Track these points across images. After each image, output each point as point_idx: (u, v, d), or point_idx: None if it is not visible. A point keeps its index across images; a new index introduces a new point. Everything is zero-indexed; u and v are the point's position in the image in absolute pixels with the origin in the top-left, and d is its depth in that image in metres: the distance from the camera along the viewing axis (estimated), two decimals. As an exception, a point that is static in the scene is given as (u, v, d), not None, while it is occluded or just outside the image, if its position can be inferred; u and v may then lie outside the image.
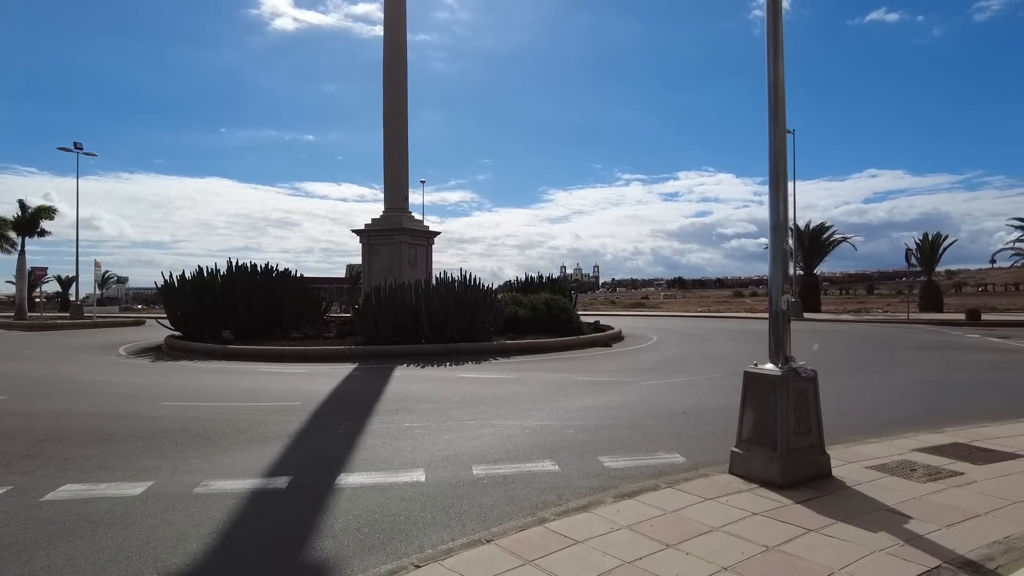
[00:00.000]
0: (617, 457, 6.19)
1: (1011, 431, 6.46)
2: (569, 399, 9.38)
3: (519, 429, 7.43)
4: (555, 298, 19.94)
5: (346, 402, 9.56)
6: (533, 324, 19.07)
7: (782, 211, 5.08)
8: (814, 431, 4.94)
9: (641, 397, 9.55)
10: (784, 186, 5.09)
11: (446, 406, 8.91)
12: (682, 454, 6.29)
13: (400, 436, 7.19)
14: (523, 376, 11.93)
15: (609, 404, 8.95)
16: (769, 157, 5.12)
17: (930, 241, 40.92)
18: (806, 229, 42.58)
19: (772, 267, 5.09)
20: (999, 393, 9.85)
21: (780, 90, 5.08)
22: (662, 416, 8.10)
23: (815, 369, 5.03)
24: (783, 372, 4.87)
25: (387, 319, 15.70)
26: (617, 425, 7.61)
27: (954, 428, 6.75)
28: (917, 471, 5.03)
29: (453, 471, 5.83)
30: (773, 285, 5.08)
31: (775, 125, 5.09)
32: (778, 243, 5.05)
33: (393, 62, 22.53)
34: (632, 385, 10.75)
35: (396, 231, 21.52)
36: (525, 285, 24.83)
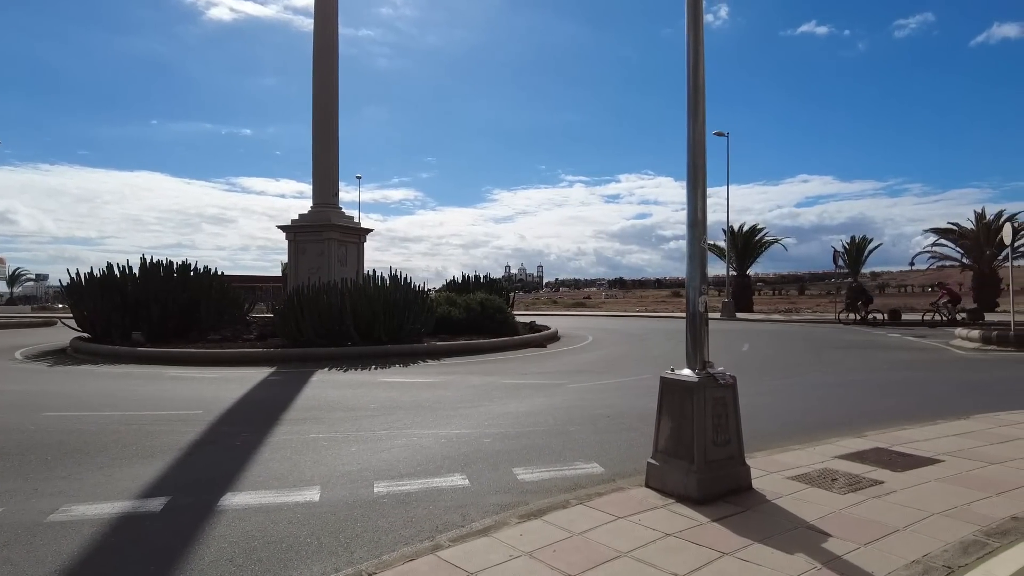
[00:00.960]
0: (533, 468, 5.80)
1: (927, 434, 6.38)
2: (493, 404, 8.96)
3: (434, 439, 6.96)
4: (490, 298, 19.52)
5: (252, 410, 8.88)
6: (467, 325, 18.61)
7: (700, 207, 4.78)
8: (733, 441, 4.65)
9: (567, 400, 9.22)
10: (702, 181, 4.79)
11: (360, 414, 8.36)
12: (601, 463, 5.95)
13: (302, 449, 6.61)
14: (449, 380, 11.45)
15: (533, 409, 8.58)
16: (688, 150, 4.81)
17: (856, 244, 42.48)
18: (739, 231, 43.52)
19: (689, 267, 4.79)
20: (916, 392, 9.97)
21: (700, 79, 4.78)
22: (586, 421, 7.78)
23: (734, 375, 4.75)
24: (700, 379, 4.57)
25: (309, 320, 14.94)
26: (538, 432, 7.24)
27: (875, 431, 6.65)
28: (838, 481, 4.82)
29: (352, 489, 5.32)
30: (691, 286, 4.78)
31: (694, 118, 4.79)
32: (696, 241, 4.75)
33: (323, 51, 21.67)
34: (560, 388, 10.42)
35: (325, 227, 20.67)
36: (461, 285, 24.35)
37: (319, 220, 20.94)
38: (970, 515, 4.06)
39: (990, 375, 11.92)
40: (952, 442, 6.00)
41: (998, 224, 38.09)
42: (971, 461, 5.31)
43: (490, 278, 25.48)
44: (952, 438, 6.16)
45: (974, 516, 4.04)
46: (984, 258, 38.62)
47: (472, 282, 25.12)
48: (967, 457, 5.44)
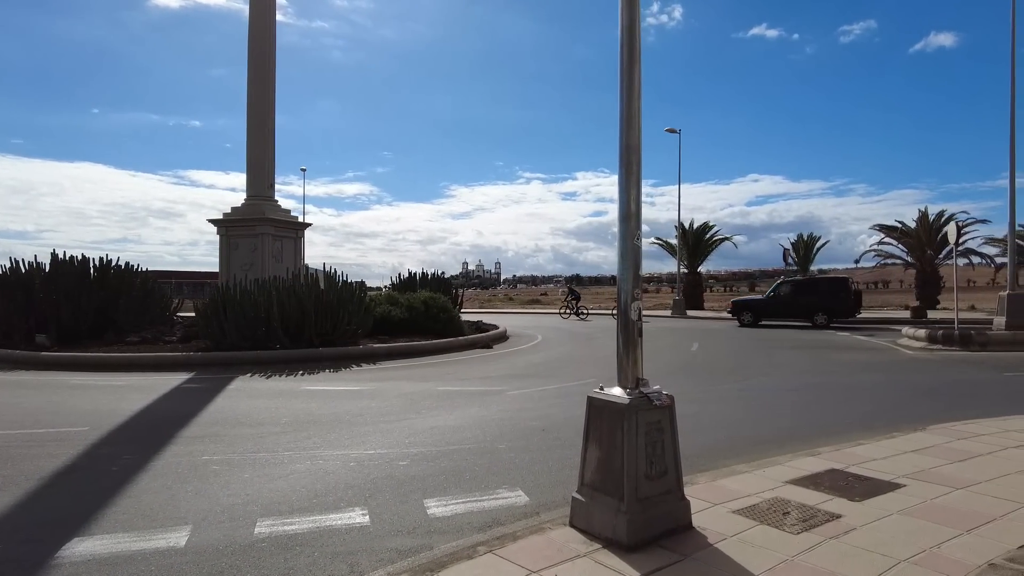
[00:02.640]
0: (448, 499, 5.03)
1: (885, 450, 5.84)
2: (420, 417, 8.15)
3: (342, 462, 6.12)
4: (435, 296, 18.65)
5: (148, 426, 7.87)
6: (409, 325, 17.70)
7: (634, 197, 4.07)
8: (671, 472, 3.96)
9: (503, 411, 8.47)
10: (636, 167, 4.08)
11: (268, 431, 7.45)
12: (527, 490, 5.22)
13: (188, 475, 5.71)
14: (379, 387, 10.58)
15: (463, 422, 7.81)
16: (620, 129, 4.10)
17: (805, 242, 42.94)
18: (690, 228, 43.53)
19: (621, 266, 4.08)
20: (869, 398, 9.54)
21: (635, 39, 4.07)
22: (518, 436, 7.04)
23: (671, 395, 4.06)
24: (632, 400, 3.86)
25: (233, 321, 13.84)
26: (463, 450, 6.47)
27: (830, 447, 6.08)
28: (790, 515, 4.18)
29: (229, 529, 4.46)
30: (622, 288, 4.07)
31: (628, 89, 4.08)
32: (628, 237, 4.04)
33: (258, 34, 20.41)
34: (497, 396, 9.67)
35: (258, 221, 19.47)
36: (407, 282, 23.38)
37: (252, 213, 19.73)
38: (941, 562, 3.45)
39: (939, 377, 11.65)
40: (911, 461, 5.46)
41: (939, 224, 38.93)
42: (934, 486, 4.75)
43: (439, 275, 24.55)
44: (911, 455, 5.63)
45: (946, 564, 3.43)
46: (926, 257, 39.40)
47: (420, 279, 24.18)
48: (929, 480, 4.89)
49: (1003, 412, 7.83)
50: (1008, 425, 6.85)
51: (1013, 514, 4.18)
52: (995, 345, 16.17)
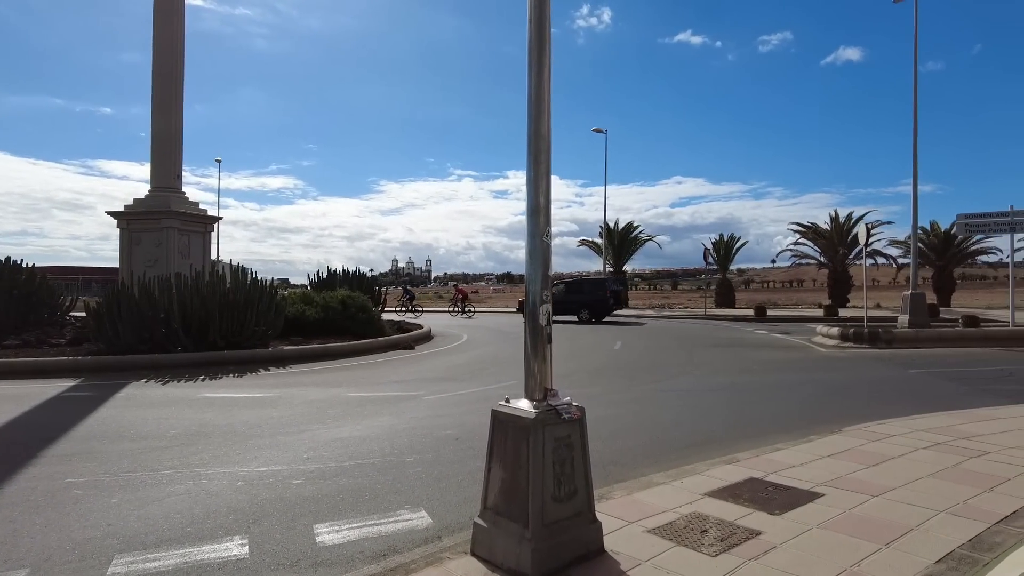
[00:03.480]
0: (342, 523, 4.53)
1: (802, 455, 5.72)
2: (323, 427, 7.56)
3: (229, 481, 5.50)
4: (353, 295, 17.87)
5: (10, 443, 6.96)
6: (325, 325, 16.89)
7: (543, 190, 3.70)
8: (581, 492, 3.61)
9: (416, 418, 7.99)
10: (546, 159, 3.71)
11: (150, 445, 6.71)
12: (432, 510, 4.77)
13: (42, 504, 4.96)
14: (285, 394, 9.88)
15: (371, 432, 7.28)
16: (529, 119, 3.71)
17: (724, 242, 44.18)
18: (615, 228, 44.07)
19: (529, 265, 3.69)
20: (785, 398, 9.58)
21: (545, 19, 3.68)
22: (429, 447, 6.58)
23: (581, 406, 3.71)
24: (539, 414, 3.48)
25: (129, 321, 12.74)
26: (366, 465, 5.96)
27: (748, 453, 5.91)
28: (709, 533, 3.90)
29: (75, 570, 3.82)
30: (531, 290, 3.68)
31: (537, 65, 3.69)
32: (537, 233, 3.66)
33: (165, 11, 19.04)
34: (413, 401, 9.17)
35: (163, 214, 18.17)
36: (324, 280, 22.45)
37: (157, 206, 18.40)
38: (863, 583, 3.23)
39: (851, 375, 11.92)
40: (829, 466, 5.33)
41: (849, 225, 40.86)
42: (851, 494, 4.60)
43: (359, 272, 23.73)
44: (828, 460, 5.51)
45: (867, 584, 3.21)
46: (838, 257, 41.28)
47: (339, 277, 23.29)
48: (847, 488, 4.75)
49: (910, 410, 7.94)
50: (916, 425, 6.90)
51: (927, 523, 4.05)
52: (900, 343, 16.85)
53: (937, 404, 8.47)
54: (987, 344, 16.71)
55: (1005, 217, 19.26)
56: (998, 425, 6.86)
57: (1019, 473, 5.10)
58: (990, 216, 19.56)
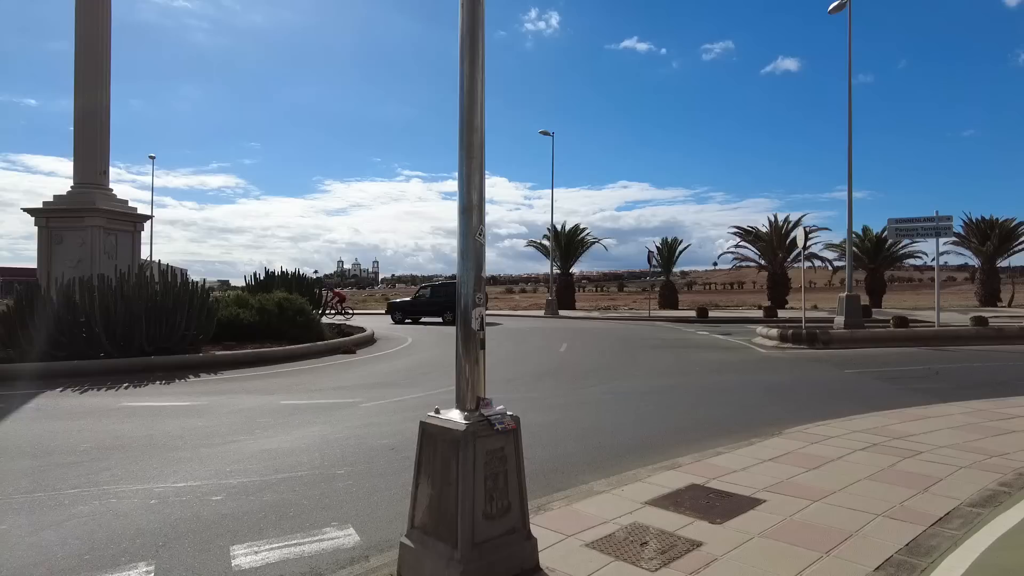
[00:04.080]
0: (262, 543, 4.20)
1: (744, 459, 5.66)
2: (251, 438, 7.15)
3: (141, 499, 5.08)
4: (290, 297, 17.27)
5: None
6: (262, 329, 16.25)
7: (476, 186, 3.47)
8: (515, 508, 3.40)
9: (351, 427, 7.65)
10: (479, 154, 3.49)
11: (56, 462, 6.18)
12: (361, 527, 4.49)
13: (-81, 532, 4.45)
14: (213, 402, 9.37)
15: (302, 443, 6.90)
16: (461, 110, 3.48)
17: (668, 245, 44.92)
18: (562, 231, 44.25)
19: (461, 266, 3.47)
20: (727, 400, 9.62)
21: (478, 9, 3.46)
22: (363, 457, 6.28)
23: (516, 416, 3.50)
24: (470, 425, 3.25)
25: (44, 326, 11.92)
26: (294, 479, 5.61)
27: (690, 458, 5.82)
28: (648, 546, 3.75)
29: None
30: (463, 292, 3.46)
31: (470, 55, 3.47)
32: (469, 232, 3.43)
33: None
34: (349, 409, 8.81)
35: (87, 212, 17.15)
36: (263, 282, 21.68)
37: (80, 203, 17.35)
38: (804, 596, 3.12)
39: (790, 375, 12.12)
40: (770, 471, 5.28)
41: (788, 229, 42.07)
42: (792, 499, 4.54)
43: (298, 274, 23.01)
44: (769, 464, 5.47)
45: (809, 597, 3.10)
46: (777, 260, 42.46)
47: (278, 279, 22.53)
48: (788, 493, 4.68)
49: (847, 411, 8.05)
50: (853, 425, 6.97)
51: (866, 528, 4.00)
52: (837, 343, 17.32)
53: (872, 404, 8.63)
54: (916, 344, 17.33)
55: (931, 222, 20.05)
56: (929, 424, 6.98)
57: (950, 473, 5.15)
58: (917, 221, 20.34)
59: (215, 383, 11.29)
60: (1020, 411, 7.71)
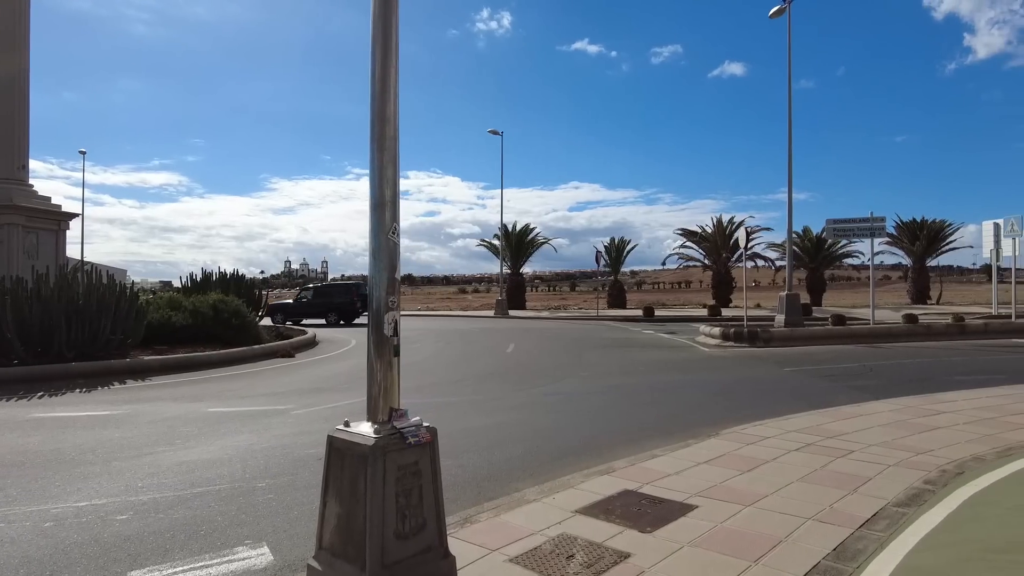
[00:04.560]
0: (165, 567, 3.88)
1: (680, 462, 5.59)
2: (171, 449, 6.74)
3: (34, 522, 4.67)
4: (226, 299, 16.62)
5: None
6: (196, 332, 15.59)
7: (389, 180, 3.25)
8: (431, 525, 3.19)
9: (279, 436, 7.30)
10: (393, 145, 3.27)
11: (-55, 480, 5.67)
12: (275, 545, 4.21)
13: None
14: (135, 411, 8.86)
15: (225, 453, 6.54)
16: (372, 97, 3.26)
17: (616, 245, 45.32)
18: (513, 230, 44.20)
19: (373, 266, 3.24)
20: (668, 400, 9.61)
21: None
22: (288, 468, 5.97)
23: (433, 428, 3.30)
24: (380, 439, 3.03)
25: (-51, 333, 11.11)
26: (211, 494, 5.27)
27: (626, 461, 5.72)
28: (575, 559, 3.60)
29: None
30: (374, 295, 3.23)
31: (383, 47, 3.25)
32: (382, 230, 3.21)
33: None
34: (279, 416, 8.44)
35: (3, 209, 16.20)
36: (199, 283, 20.86)
37: (-4, 200, 16.38)
38: (730, 610, 3.01)
39: (731, 374, 12.24)
40: (704, 474, 5.21)
41: (732, 230, 42.97)
42: (724, 504, 4.46)
43: (238, 275, 22.23)
44: (703, 467, 5.40)
45: (735, 611, 2.99)
46: (721, 259, 43.33)
47: (216, 280, 21.72)
48: (720, 497, 4.61)
49: (785, 410, 8.11)
50: (788, 425, 7.00)
51: (796, 533, 3.94)
52: (777, 341, 17.67)
53: (809, 402, 8.73)
54: (852, 341, 17.82)
55: (866, 223, 20.69)
56: (861, 422, 7.07)
57: (879, 472, 5.18)
58: (854, 222, 20.96)
59: (140, 390, 10.72)
60: (945, 407, 7.90)
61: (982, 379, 10.66)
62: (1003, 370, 12.11)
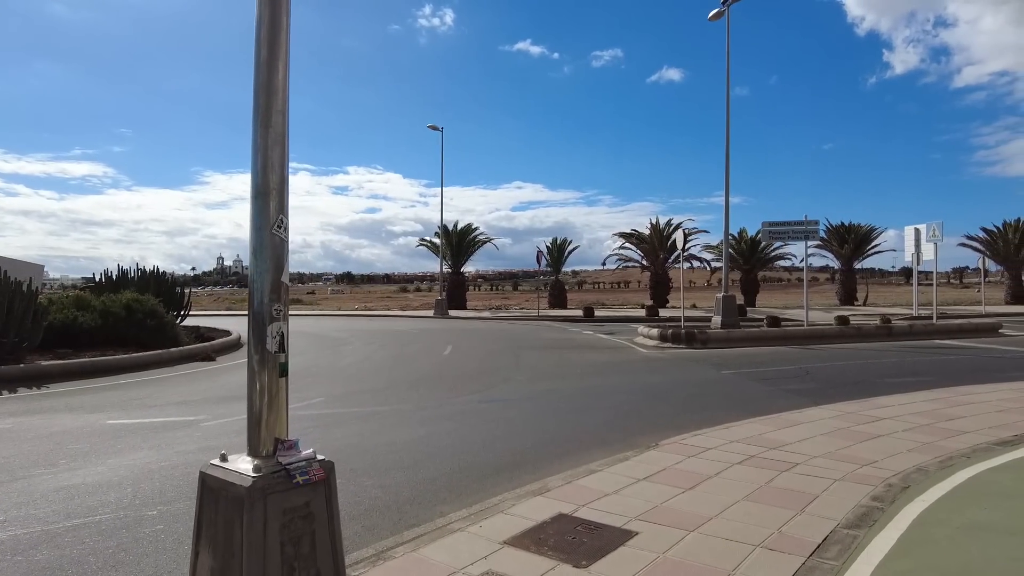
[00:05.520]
0: (7, 628, 3.21)
1: (619, 478, 5.21)
2: (52, 471, 5.94)
3: None
4: (141, 299, 15.46)
5: None
6: (107, 334, 14.41)
7: (277, 164, 2.71)
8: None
9: (181, 453, 6.57)
10: (281, 120, 2.73)
11: None
12: (152, 592, 3.59)
13: None
14: (21, 425, 7.93)
15: (115, 475, 5.79)
16: (256, 63, 2.71)
17: (557, 245, 45.26)
18: (454, 229, 43.54)
19: (254, 266, 2.70)
20: (606, 406, 9.27)
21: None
22: (184, 493, 5.28)
23: (330, 462, 2.76)
24: (258, 479, 2.48)
25: None
26: (90, 525, 4.57)
27: (561, 478, 5.30)
28: (498, 605, 3.13)
29: None
30: (255, 301, 2.68)
31: (272, 7, 2.70)
32: (265, 224, 2.67)
33: None
34: (186, 429, 7.67)
35: None
36: (113, 281, 19.48)
37: None
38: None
39: (670, 378, 12.04)
40: (644, 492, 4.84)
41: (669, 231, 43.51)
42: (667, 530, 4.08)
43: (159, 272, 20.89)
44: (643, 485, 5.03)
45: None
46: (658, 261, 43.83)
47: (134, 277, 20.35)
48: (662, 522, 4.23)
49: (725, 416, 7.89)
50: (730, 435, 6.74)
51: (744, 565, 3.59)
52: (714, 343, 17.70)
53: (749, 408, 8.54)
54: (788, 343, 18.04)
55: (800, 225, 21.06)
56: (803, 431, 6.88)
57: (826, 488, 4.92)
58: (789, 224, 21.31)
59: (34, 400, 9.69)
60: (882, 412, 7.83)
61: (911, 381, 10.79)
62: (930, 371, 12.34)
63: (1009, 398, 8.73)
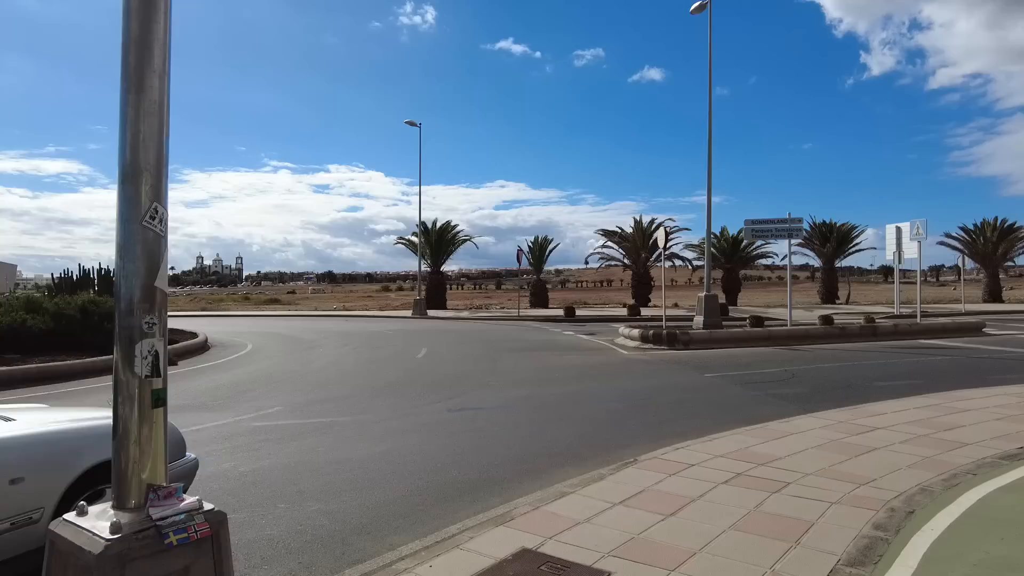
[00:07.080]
0: None
1: (593, 503, 4.68)
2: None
3: None
4: (98, 300, 14.71)
5: None
6: (61, 338, 13.66)
7: (152, 139, 2.15)
8: (211, 663, 2.10)
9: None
10: (159, 84, 2.18)
11: None
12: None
13: None
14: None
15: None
16: (125, 13, 2.14)
17: (539, 244, 44.76)
18: (433, 227, 42.88)
19: (121, 266, 2.17)
20: (584, 414, 8.76)
21: None
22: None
23: (220, 513, 2.20)
24: (115, 541, 1.92)
25: None
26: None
27: (529, 503, 4.75)
28: None
29: None
30: (122, 309, 2.13)
31: None
32: (134, 216, 2.11)
33: None
34: (126, 443, 7.02)
35: None
36: (73, 282, 18.67)
37: None
38: None
39: (650, 383, 11.55)
40: (620, 520, 4.32)
41: (651, 230, 43.19)
42: (645, 569, 3.57)
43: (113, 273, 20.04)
44: (620, 510, 4.52)
45: None
46: (640, 259, 43.49)
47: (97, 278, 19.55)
48: (639, 559, 3.72)
49: (707, 425, 7.42)
50: (714, 448, 6.25)
51: (735, 610, 3.08)
52: (696, 344, 17.28)
53: (734, 415, 8.08)
54: (771, 343, 17.67)
55: (784, 223, 20.74)
56: (793, 443, 6.41)
57: (821, 513, 4.43)
58: (772, 222, 20.97)
59: (-33, 410, 8.97)
60: (876, 421, 7.39)
61: (901, 385, 10.40)
62: (920, 374, 11.99)
63: (1007, 404, 8.34)
